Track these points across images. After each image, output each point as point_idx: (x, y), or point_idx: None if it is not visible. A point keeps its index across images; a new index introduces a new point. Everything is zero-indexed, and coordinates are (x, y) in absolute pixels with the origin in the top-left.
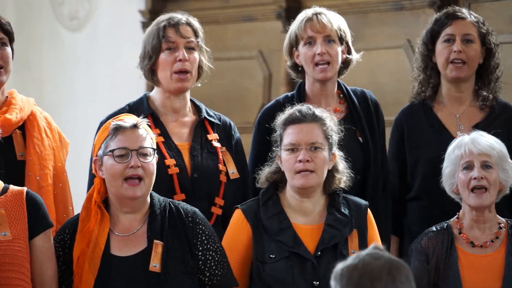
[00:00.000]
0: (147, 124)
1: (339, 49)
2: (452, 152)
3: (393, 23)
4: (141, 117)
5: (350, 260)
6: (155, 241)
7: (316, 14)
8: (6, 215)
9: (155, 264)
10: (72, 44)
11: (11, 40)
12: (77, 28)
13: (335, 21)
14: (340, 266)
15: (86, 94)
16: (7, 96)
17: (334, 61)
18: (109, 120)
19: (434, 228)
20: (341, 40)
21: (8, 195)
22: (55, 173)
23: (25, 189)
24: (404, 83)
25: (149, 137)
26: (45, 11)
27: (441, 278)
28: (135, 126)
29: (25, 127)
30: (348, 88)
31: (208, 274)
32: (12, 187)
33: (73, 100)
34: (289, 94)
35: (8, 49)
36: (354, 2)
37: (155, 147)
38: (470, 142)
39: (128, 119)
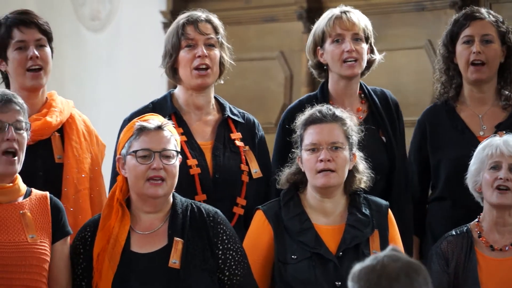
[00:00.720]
0: (172, 125)
1: (366, 47)
2: (482, 150)
3: (414, 23)
4: (166, 117)
5: (368, 261)
6: (176, 238)
7: (345, 12)
8: (32, 218)
9: (174, 260)
10: (94, 44)
11: (50, 40)
12: (98, 28)
13: (363, 20)
14: (357, 267)
15: (107, 94)
16: (46, 98)
17: (361, 59)
18: (135, 119)
19: (453, 232)
20: (367, 39)
21: (32, 199)
22: (92, 176)
23: (48, 193)
24: (426, 84)
25: (173, 139)
26: (66, 11)
27: (460, 282)
28: (159, 128)
29: (63, 130)
30: (369, 88)
31: (227, 273)
32: (34, 191)
33: (95, 100)
34: (312, 94)
35: (47, 49)
36: (376, 3)
37: (179, 149)
38: (502, 143)
39: (153, 120)
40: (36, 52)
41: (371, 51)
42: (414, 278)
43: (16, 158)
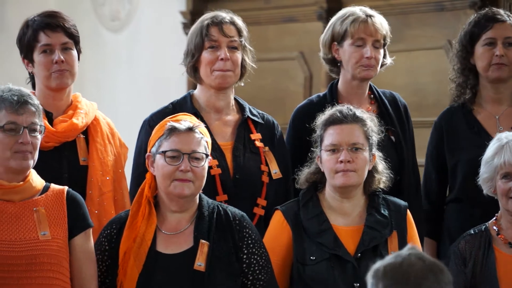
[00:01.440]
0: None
1: (382, 53)
2: (491, 159)
3: (434, 24)
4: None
5: (392, 259)
6: (202, 240)
7: (370, 16)
8: (46, 214)
9: (200, 263)
10: (113, 44)
11: (76, 43)
12: (118, 29)
13: (385, 26)
14: (380, 264)
15: (127, 94)
16: (71, 100)
17: (377, 65)
18: (167, 118)
19: (471, 231)
20: (384, 45)
21: (48, 194)
22: (116, 178)
23: (66, 188)
24: (445, 84)
25: (203, 141)
26: (86, 12)
27: (478, 280)
28: (190, 129)
29: (88, 132)
30: (378, 89)
31: (251, 278)
32: (53, 185)
33: (114, 100)
34: (321, 93)
35: (74, 52)
36: (395, 3)
37: (209, 152)
38: (510, 152)
39: (185, 122)
40: (62, 57)
41: (384, 55)
42: (440, 277)
43: (29, 154)
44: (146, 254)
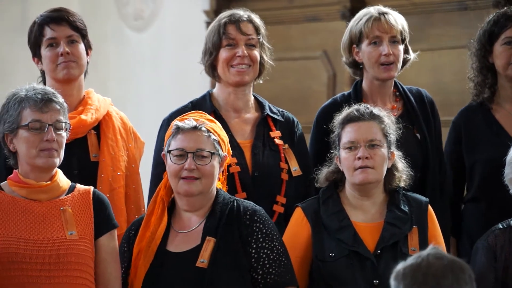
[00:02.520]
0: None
1: (402, 49)
2: None
3: (457, 23)
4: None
5: (411, 260)
6: (208, 237)
7: (383, 14)
8: (73, 214)
9: (202, 260)
10: (137, 44)
11: (83, 36)
12: (141, 28)
13: (400, 21)
14: (401, 266)
15: (151, 94)
16: (84, 96)
17: (398, 61)
18: (177, 118)
19: (500, 226)
20: (403, 40)
21: (75, 194)
22: (128, 174)
23: (92, 188)
24: (468, 83)
25: (211, 139)
26: (110, 11)
27: (509, 276)
28: (195, 128)
29: (100, 127)
30: (404, 86)
31: (261, 272)
32: (78, 186)
33: (138, 100)
34: (346, 92)
35: (80, 45)
36: (419, 2)
37: (219, 147)
38: None
39: (190, 120)
40: (67, 49)
41: (405, 51)
42: (460, 276)
43: (55, 151)
44: (155, 253)
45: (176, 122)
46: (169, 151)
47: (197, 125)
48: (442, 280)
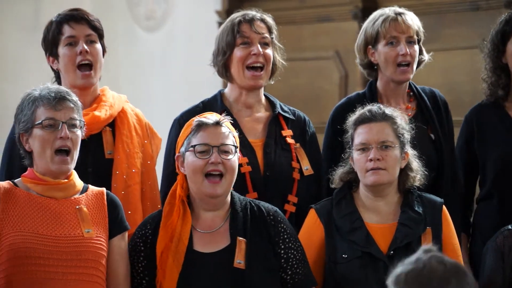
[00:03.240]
0: (231, 122)
1: (417, 49)
2: None
3: (469, 23)
4: (224, 114)
5: (412, 264)
6: (239, 238)
7: (400, 14)
8: (89, 214)
9: (239, 260)
10: (149, 44)
11: (101, 37)
12: (153, 28)
13: (416, 22)
14: (399, 271)
15: (162, 94)
16: (98, 93)
17: (414, 62)
18: (194, 117)
19: (510, 226)
20: (418, 41)
21: (88, 195)
22: (144, 170)
23: (104, 189)
24: (480, 83)
25: (231, 135)
26: (121, 11)
27: None
28: (217, 123)
29: (115, 124)
30: (418, 86)
31: (290, 272)
32: (91, 187)
33: (149, 99)
34: (360, 92)
35: (98, 45)
36: (431, 3)
37: (237, 145)
38: None
39: (212, 116)
40: (86, 47)
41: (420, 51)
42: (463, 281)
43: (68, 157)
44: (184, 254)
45: (198, 119)
46: (192, 147)
47: (219, 120)
48: (446, 285)
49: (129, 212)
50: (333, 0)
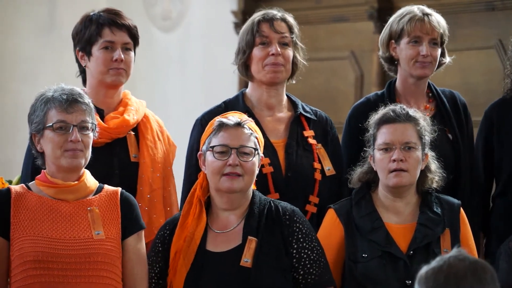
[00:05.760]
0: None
1: (439, 51)
2: None
3: (484, 23)
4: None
5: (434, 263)
6: (249, 237)
7: (427, 14)
8: (100, 214)
9: (246, 259)
10: (165, 44)
11: (136, 44)
12: (169, 28)
13: (442, 24)
14: (424, 269)
15: (178, 94)
16: (121, 97)
17: (434, 63)
18: (216, 117)
19: None
20: (442, 43)
21: (102, 195)
22: (165, 176)
23: (119, 189)
24: (496, 84)
25: (253, 137)
26: (137, 11)
27: None
28: (238, 124)
29: (138, 129)
30: (437, 88)
31: (302, 272)
32: (107, 187)
33: (165, 100)
34: (379, 92)
35: (132, 53)
36: (446, 3)
37: (259, 147)
38: None
39: (233, 117)
40: (122, 56)
41: (442, 54)
42: (481, 276)
43: (80, 152)
44: (195, 253)
45: (219, 119)
46: (211, 147)
47: (241, 121)
48: (462, 281)
49: (155, 216)
50: (348, 0)
